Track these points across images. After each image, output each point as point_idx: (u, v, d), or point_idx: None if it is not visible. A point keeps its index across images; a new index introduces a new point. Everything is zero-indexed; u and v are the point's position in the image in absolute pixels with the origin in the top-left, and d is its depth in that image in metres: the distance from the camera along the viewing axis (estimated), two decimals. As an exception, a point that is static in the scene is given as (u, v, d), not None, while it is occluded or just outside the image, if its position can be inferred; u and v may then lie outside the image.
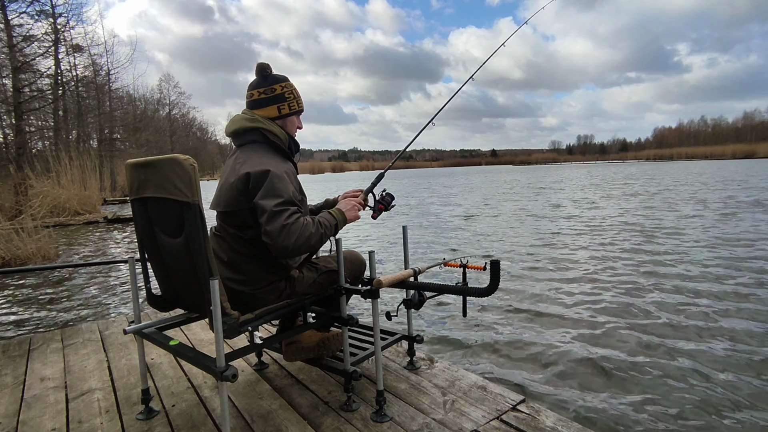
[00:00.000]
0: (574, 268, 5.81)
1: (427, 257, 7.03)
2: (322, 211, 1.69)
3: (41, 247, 7.55)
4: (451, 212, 13.68)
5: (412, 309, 1.93)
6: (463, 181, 37.50)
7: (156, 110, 42.98)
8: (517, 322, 3.95)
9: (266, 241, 1.49)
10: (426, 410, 1.77)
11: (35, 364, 2.42)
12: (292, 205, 1.53)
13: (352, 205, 1.77)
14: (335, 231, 1.67)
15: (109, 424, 1.78)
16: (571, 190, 20.71)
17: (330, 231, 1.63)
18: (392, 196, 1.92)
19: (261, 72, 1.73)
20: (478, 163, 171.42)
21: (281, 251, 1.50)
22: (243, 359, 2.29)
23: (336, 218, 1.67)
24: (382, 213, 1.89)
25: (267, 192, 1.51)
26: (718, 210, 11.17)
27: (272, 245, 1.49)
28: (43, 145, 20.74)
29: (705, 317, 3.89)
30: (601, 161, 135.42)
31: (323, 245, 1.69)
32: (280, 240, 1.47)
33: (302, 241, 1.50)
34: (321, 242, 1.61)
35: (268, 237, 1.48)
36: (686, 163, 75.50)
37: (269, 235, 1.48)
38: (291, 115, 1.76)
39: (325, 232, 1.60)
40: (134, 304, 1.79)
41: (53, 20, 18.43)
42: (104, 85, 26.54)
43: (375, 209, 1.87)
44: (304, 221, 1.53)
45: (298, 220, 1.51)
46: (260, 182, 1.52)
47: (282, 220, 1.47)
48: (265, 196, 1.50)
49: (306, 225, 1.52)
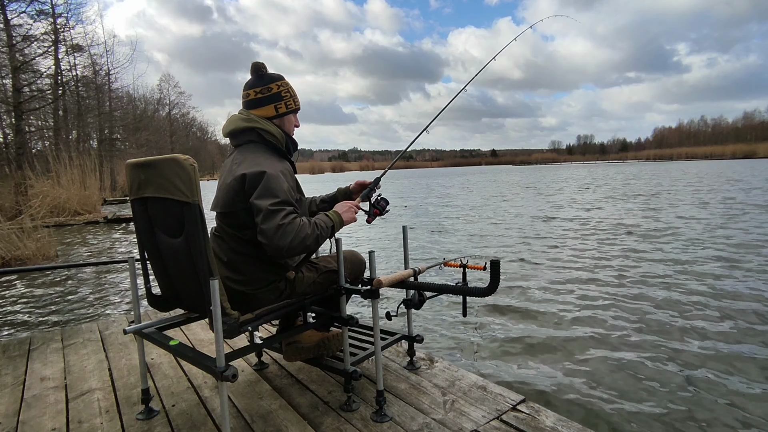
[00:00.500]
0: (575, 269, 5.81)
1: (427, 257, 7.03)
2: (319, 213, 1.69)
3: (41, 247, 7.55)
4: (451, 213, 13.68)
5: (412, 309, 1.94)
6: (462, 181, 37.50)
7: (156, 110, 43.00)
8: (517, 322, 3.95)
9: (262, 241, 1.49)
10: (426, 410, 1.77)
11: (35, 364, 2.42)
12: (288, 205, 1.53)
13: (348, 207, 1.77)
14: (332, 233, 1.67)
15: (109, 424, 1.78)
16: (571, 191, 20.71)
17: (326, 233, 1.63)
18: (387, 201, 1.94)
19: (256, 71, 1.73)
20: (478, 163, 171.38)
21: (276, 251, 1.50)
22: (243, 359, 2.29)
23: (333, 220, 1.67)
24: (376, 217, 1.91)
25: (263, 192, 1.51)
26: (724, 211, 11.16)
27: (268, 245, 1.49)
28: (43, 145, 20.76)
29: (705, 317, 3.89)
30: (601, 161, 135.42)
31: (321, 245, 1.69)
32: (276, 240, 1.47)
33: (298, 242, 1.50)
34: (317, 243, 1.61)
35: (263, 236, 1.48)
36: (686, 163, 75.51)
37: (265, 234, 1.48)
38: (288, 114, 1.77)
39: (321, 234, 1.59)
40: (134, 304, 1.79)
41: (53, 20, 18.46)
42: (104, 85, 26.55)
43: (370, 213, 1.89)
44: (300, 222, 1.53)
45: (294, 220, 1.51)
46: (256, 183, 1.52)
47: (278, 219, 1.47)
48: (261, 196, 1.50)
49: (302, 226, 1.52)
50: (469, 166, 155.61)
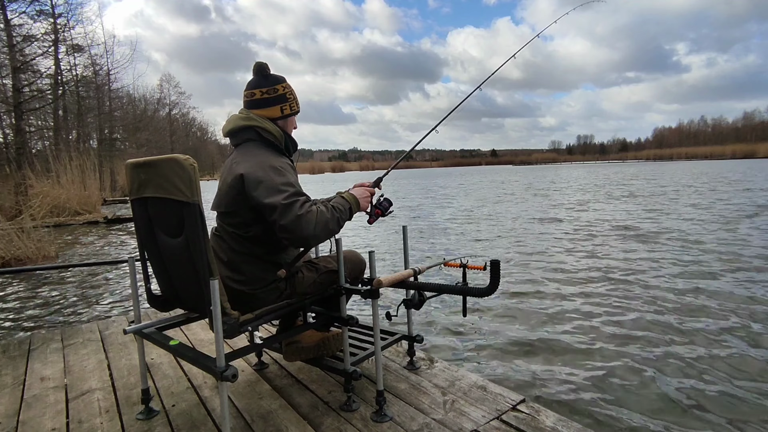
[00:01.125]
0: (575, 269, 5.81)
1: (427, 257, 7.03)
2: (335, 196, 1.69)
3: (41, 247, 7.54)
4: (451, 213, 13.68)
5: (412, 309, 1.93)
6: (462, 181, 37.49)
7: (156, 110, 43.00)
8: (517, 322, 3.95)
9: (285, 237, 1.49)
10: (426, 410, 1.77)
11: (35, 364, 2.42)
12: (300, 195, 1.52)
13: (364, 189, 1.77)
14: (350, 215, 1.66)
15: (109, 424, 1.78)
16: (572, 192, 20.70)
17: (345, 215, 1.62)
18: (390, 201, 1.90)
19: (260, 71, 1.73)
20: (479, 163, 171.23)
21: (303, 241, 1.50)
22: (243, 359, 2.29)
23: (349, 201, 1.66)
24: (378, 218, 1.86)
25: (271, 189, 1.50)
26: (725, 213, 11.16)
27: (292, 238, 1.49)
28: (43, 145, 20.74)
29: (706, 317, 3.89)
30: (601, 161, 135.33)
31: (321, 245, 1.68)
32: (299, 231, 1.46)
33: (321, 228, 1.50)
34: (339, 226, 1.60)
35: (285, 232, 1.47)
36: (687, 163, 75.50)
37: (286, 229, 1.47)
38: (291, 116, 1.78)
39: (341, 216, 1.59)
40: (134, 304, 1.79)
41: (53, 20, 18.46)
42: (104, 85, 26.54)
43: (372, 214, 1.85)
44: (317, 208, 1.53)
45: (312, 207, 1.51)
46: (259, 181, 1.51)
47: (295, 211, 1.47)
48: (271, 193, 1.49)
49: (321, 212, 1.52)
50: (469, 166, 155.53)
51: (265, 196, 1.49)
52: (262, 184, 1.51)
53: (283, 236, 1.50)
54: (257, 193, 1.51)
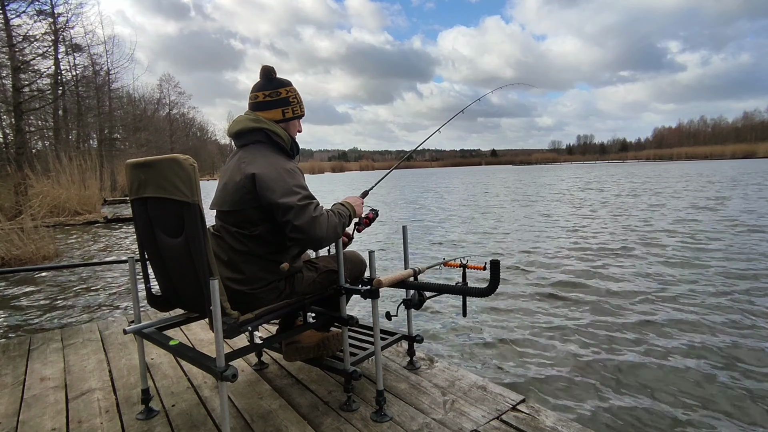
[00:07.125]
0: (575, 269, 5.81)
1: (427, 257, 7.03)
2: (334, 204, 1.77)
3: (41, 247, 7.55)
4: (450, 213, 13.67)
5: (412, 309, 1.94)
6: (462, 181, 37.48)
7: (156, 110, 42.98)
8: (517, 322, 3.95)
9: (297, 237, 1.55)
10: (426, 410, 1.77)
11: (35, 364, 2.42)
12: (313, 198, 1.60)
13: (356, 198, 1.90)
14: (349, 221, 1.77)
15: (109, 424, 1.78)
16: (574, 192, 20.70)
17: (346, 221, 1.73)
18: (376, 212, 2.04)
19: (266, 75, 1.75)
20: (478, 163, 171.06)
21: (315, 242, 1.59)
22: (243, 359, 2.29)
23: (348, 209, 1.77)
24: (366, 227, 1.99)
25: (286, 190, 1.54)
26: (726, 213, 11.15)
27: (305, 238, 1.55)
28: (43, 145, 20.75)
29: (706, 317, 3.89)
30: (601, 161, 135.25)
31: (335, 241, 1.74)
32: (313, 232, 1.54)
33: (331, 230, 1.60)
34: (343, 230, 1.71)
35: (298, 232, 1.53)
36: (687, 163, 75.50)
37: (300, 229, 1.53)
38: (294, 119, 1.79)
39: (345, 222, 1.71)
40: (134, 304, 1.79)
41: (53, 20, 18.45)
42: (104, 85, 26.54)
43: (360, 223, 1.97)
44: (327, 212, 1.62)
45: (323, 211, 1.60)
46: (273, 182, 1.54)
47: (310, 212, 1.54)
48: (286, 194, 1.54)
49: (330, 215, 1.63)
50: (469, 166, 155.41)
51: (280, 196, 1.53)
52: (276, 184, 1.54)
53: (295, 236, 1.55)
54: (271, 193, 1.54)
